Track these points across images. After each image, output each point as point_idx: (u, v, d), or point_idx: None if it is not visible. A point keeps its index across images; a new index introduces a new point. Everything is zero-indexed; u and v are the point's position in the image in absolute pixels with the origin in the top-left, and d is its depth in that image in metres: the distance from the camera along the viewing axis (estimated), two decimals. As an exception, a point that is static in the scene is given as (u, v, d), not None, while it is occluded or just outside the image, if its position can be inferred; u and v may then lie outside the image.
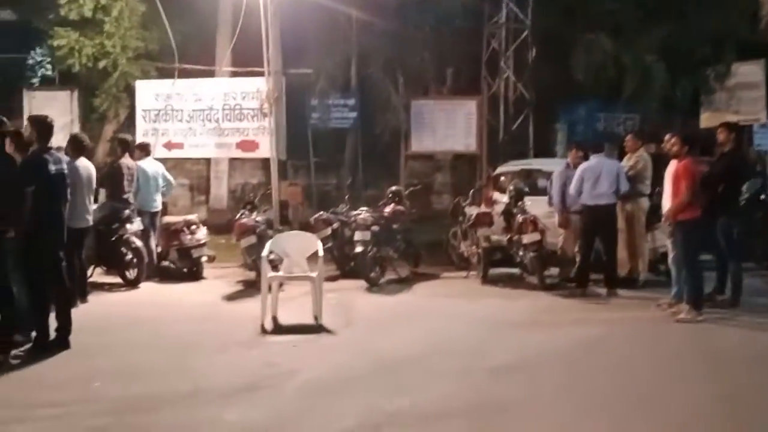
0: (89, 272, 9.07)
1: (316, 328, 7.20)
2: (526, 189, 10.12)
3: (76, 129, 12.65)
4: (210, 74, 13.73)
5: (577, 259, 9.09)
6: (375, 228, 9.79)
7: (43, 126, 6.33)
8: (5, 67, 15.55)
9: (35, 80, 15.64)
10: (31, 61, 15.74)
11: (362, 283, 9.43)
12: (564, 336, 7.05)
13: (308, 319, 7.33)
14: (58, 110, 13.21)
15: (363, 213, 10.25)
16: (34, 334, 6.29)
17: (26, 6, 14.34)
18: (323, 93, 14.13)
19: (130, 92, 13.41)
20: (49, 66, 15.49)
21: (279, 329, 7.25)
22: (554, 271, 9.61)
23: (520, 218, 9.43)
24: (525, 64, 14.71)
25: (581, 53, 13.70)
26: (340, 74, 14.14)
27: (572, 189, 9.04)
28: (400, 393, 5.35)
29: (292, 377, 5.75)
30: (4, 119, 6.03)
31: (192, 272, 10.08)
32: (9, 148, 6.27)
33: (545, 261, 9.36)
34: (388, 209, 10.21)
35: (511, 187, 10.11)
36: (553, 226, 9.52)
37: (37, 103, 13.15)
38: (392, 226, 10.06)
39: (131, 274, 9.47)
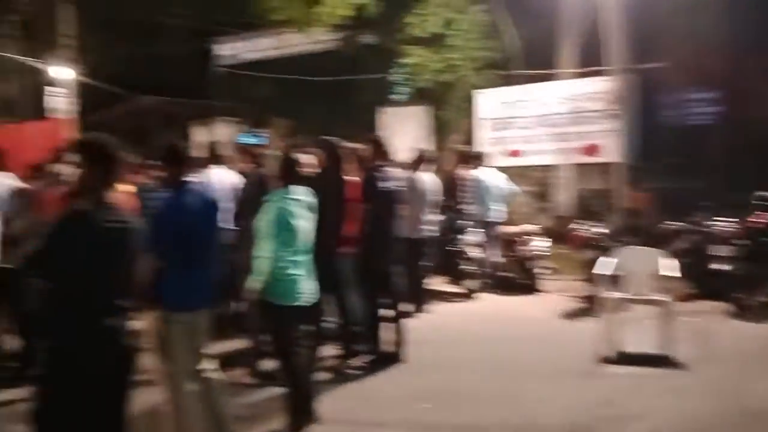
0: (430, 282, 9.20)
1: (665, 361, 6.21)
2: None
3: (428, 143, 13.10)
4: (551, 77, 13.22)
5: None
6: (742, 240, 8.44)
7: (375, 144, 6.46)
8: (371, 88, 16.87)
9: (394, 97, 16.76)
10: (390, 80, 16.91)
11: (726, 306, 8.10)
12: None
13: (656, 348, 6.36)
14: (411, 125, 13.88)
15: (727, 222, 8.91)
16: (370, 346, 6.40)
17: (384, 29, 15.42)
18: (678, 87, 12.74)
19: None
20: (405, 83, 16.46)
21: (621, 358, 6.39)
22: None
23: None
24: None
25: None
26: (697, 65, 12.60)
27: None
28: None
29: (633, 423, 4.96)
30: (331, 140, 6.17)
31: (530, 284, 9.69)
32: (351, 167, 6.47)
33: None
34: (758, 218, 8.67)
35: None
36: None
37: (388, 119, 13.90)
38: (764, 238, 8.50)
39: (468, 284, 9.44)
